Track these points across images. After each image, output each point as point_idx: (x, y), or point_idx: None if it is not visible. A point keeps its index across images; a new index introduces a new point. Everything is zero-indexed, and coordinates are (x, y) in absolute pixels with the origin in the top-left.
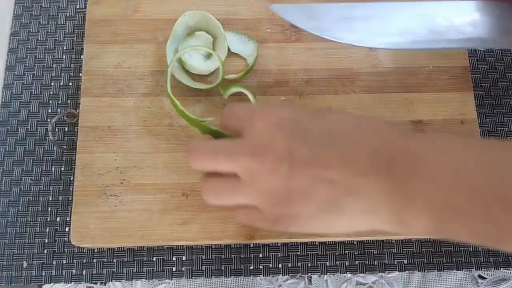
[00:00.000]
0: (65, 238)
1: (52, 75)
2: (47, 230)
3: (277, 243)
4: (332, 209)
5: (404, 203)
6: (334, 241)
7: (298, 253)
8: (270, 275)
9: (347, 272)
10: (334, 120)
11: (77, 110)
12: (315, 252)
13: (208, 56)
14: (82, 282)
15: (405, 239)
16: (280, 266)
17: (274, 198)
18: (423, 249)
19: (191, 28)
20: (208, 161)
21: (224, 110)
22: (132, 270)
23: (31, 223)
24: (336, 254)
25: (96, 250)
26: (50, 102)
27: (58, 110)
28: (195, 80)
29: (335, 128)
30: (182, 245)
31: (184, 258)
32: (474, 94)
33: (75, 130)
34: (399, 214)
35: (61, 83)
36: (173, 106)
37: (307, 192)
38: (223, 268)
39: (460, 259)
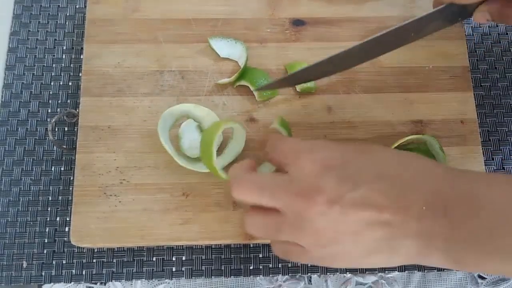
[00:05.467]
0: (65, 238)
1: (52, 75)
2: (47, 230)
3: None
4: (384, 250)
5: (462, 246)
6: None
7: None
8: (270, 275)
9: (347, 272)
10: (382, 159)
11: (77, 110)
12: None
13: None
14: (82, 282)
15: None
16: (280, 266)
17: (321, 238)
18: None
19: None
20: (253, 195)
21: (269, 141)
22: (132, 270)
23: (31, 223)
24: None
25: (96, 250)
26: (50, 102)
27: (58, 110)
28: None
29: (386, 170)
30: (182, 245)
31: (184, 258)
32: (474, 94)
33: (75, 130)
34: (456, 257)
35: (61, 83)
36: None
37: (358, 234)
38: (223, 268)
39: None
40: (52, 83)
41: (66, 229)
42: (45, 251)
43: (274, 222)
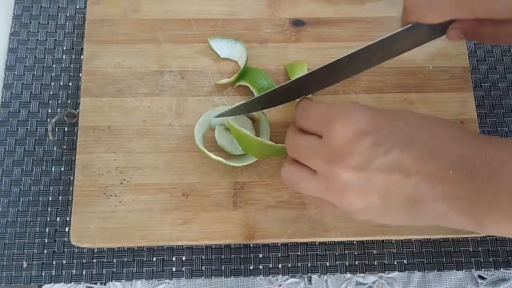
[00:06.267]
0: (65, 238)
1: (52, 75)
2: (47, 230)
3: (277, 243)
4: (408, 210)
5: (485, 208)
6: (334, 241)
7: (298, 253)
8: (270, 275)
9: (347, 272)
10: (412, 125)
11: (77, 110)
12: (315, 252)
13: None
14: (82, 282)
15: (405, 239)
16: (280, 266)
17: (347, 198)
18: (423, 249)
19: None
20: (294, 153)
21: (297, 108)
22: (132, 270)
23: (31, 223)
24: (336, 254)
25: (96, 250)
26: (50, 102)
27: (58, 110)
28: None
29: (415, 135)
30: (182, 245)
31: (184, 258)
32: (474, 94)
33: (75, 130)
34: (478, 219)
35: (61, 83)
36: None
37: (385, 196)
38: (223, 268)
39: (460, 259)
40: (52, 84)
41: (66, 229)
42: (45, 251)
43: (307, 175)
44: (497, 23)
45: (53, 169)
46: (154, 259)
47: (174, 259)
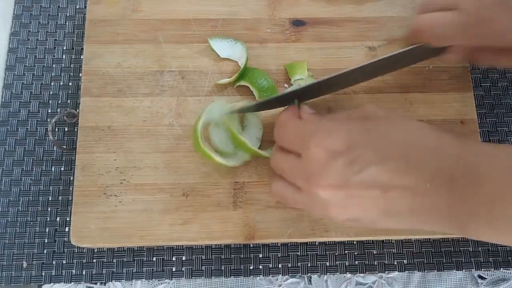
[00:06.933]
0: (65, 238)
1: (52, 75)
2: (47, 230)
3: (277, 243)
4: (391, 219)
5: (465, 216)
6: (334, 241)
7: (298, 253)
8: (270, 275)
9: (347, 272)
10: (388, 138)
11: (77, 110)
12: (315, 252)
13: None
14: (82, 282)
15: (405, 239)
16: (280, 266)
17: (329, 213)
18: (423, 249)
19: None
20: (279, 172)
21: (275, 127)
22: (132, 270)
23: (31, 223)
24: (336, 254)
25: (96, 250)
26: (50, 102)
27: (58, 110)
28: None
29: (391, 149)
30: (182, 245)
31: (184, 258)
32: (474, 94)
33: (75, 130)
34: (459, 227)
35: (61, 83)
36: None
37: (366, 208)
38: (223, 268)
39: (460, 259)
40: (52, 83)
41: (66, 229)
42: (45, 251)
43: (291, 192)
44: (497, 50)
45: (53, 169)
46: (154, 259)
47: (174, 259)
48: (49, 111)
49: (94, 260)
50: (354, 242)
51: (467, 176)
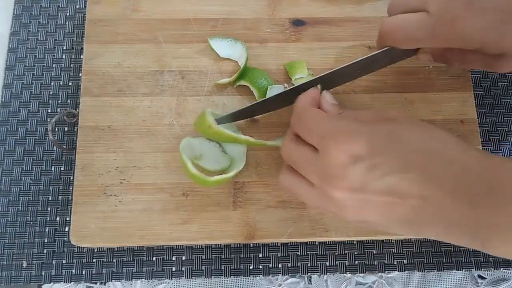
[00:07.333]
0: (65, 238)
1: (52, 75)
2: (46, 230)
3: (277, 243)
4: (407, 227)
5: (485, 234)
6: (334, 241)
7: (298, 253)
8: (270, 275)
9: (347, 272)
10: (411, 146)
11: (77, 110)
12: (315, 252)
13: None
14: (82, 282)
15: (405, 239)
16: (280, 266)
17: (342, 212)
18: (423, 249)
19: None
20: (290, 162)
21: (294, 112)
22: (132, 270)
23: (31, 223)
24: (336, 254)
25: (96, 250)
26: (50, 102)
27: (58, 110)
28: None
29: (413, 159)
30: (182, 245)
31: (184, 258)
32: (474, 94)
33: (75, 130)
34: (478, 243)
35: (61, 83)
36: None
37: (382, 213)
38: (223, 268)
39: (460, 259)
40: (52, 83)
41: (66, 229)
42: (45, 251)
43: (303, 186)
44: (465, 51)
45: (53, 169)
46: (154, 258)
47: (174, 258)
48: (49, 111)
49: (94, 260)
50: (354, 242)
51: (489, 194)
